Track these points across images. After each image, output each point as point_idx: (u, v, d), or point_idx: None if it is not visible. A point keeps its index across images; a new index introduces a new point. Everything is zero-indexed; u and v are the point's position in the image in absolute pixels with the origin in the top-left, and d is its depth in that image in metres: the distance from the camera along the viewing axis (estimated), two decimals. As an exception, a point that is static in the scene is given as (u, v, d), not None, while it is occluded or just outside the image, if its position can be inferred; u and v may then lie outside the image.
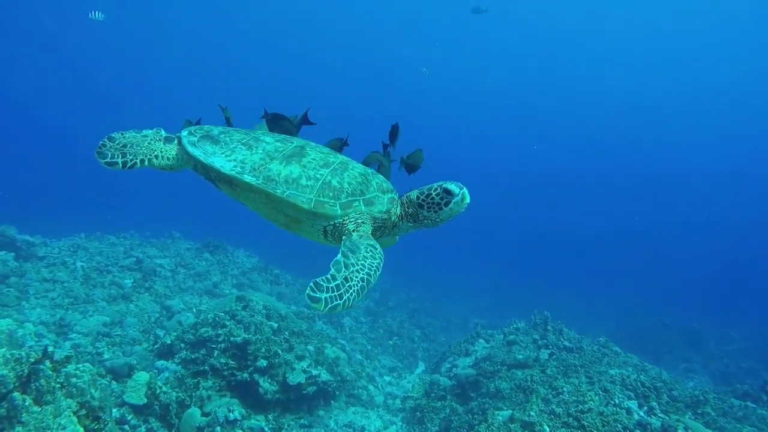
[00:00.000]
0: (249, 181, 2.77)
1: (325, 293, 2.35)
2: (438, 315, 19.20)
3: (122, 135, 3.13)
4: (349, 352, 10.46)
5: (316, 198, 2.74)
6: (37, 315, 8.11)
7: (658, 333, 18.00)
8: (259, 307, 8.07)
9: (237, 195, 3.03)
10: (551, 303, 20.81)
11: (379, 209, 2.88)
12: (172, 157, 3.19)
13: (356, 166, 3.04)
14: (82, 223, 14.29)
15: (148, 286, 10.55)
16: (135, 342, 7.81)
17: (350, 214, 2.81)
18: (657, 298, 26.32)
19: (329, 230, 2.89)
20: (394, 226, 3.07)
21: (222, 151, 2.98)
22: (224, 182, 2.99)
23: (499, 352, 8.88)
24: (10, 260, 9.67)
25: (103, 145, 3.02)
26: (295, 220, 2.93)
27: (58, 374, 4.02)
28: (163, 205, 30.16)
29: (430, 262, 28.98)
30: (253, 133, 3.19)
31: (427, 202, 2.87)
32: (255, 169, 2.83)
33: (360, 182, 2.89)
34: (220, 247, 14.87)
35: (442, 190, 2.82)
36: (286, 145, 3.04)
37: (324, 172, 2.85)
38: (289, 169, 2.83)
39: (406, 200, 3.02)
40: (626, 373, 8.12)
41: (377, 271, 2.63)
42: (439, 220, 2.94)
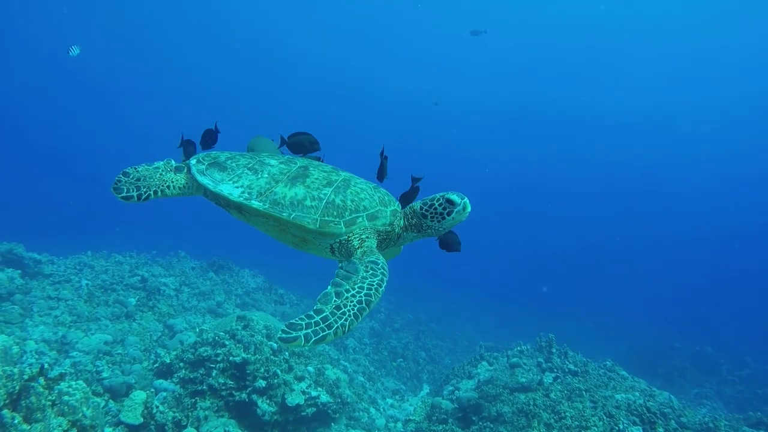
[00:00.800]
0: (257, 207, 2.88)
1: (304, 330, 2.31)
2: (444, 337, 19.04)
3: (135, 169, 3.31)
4: (351, 374, 10.38)
5: (321, 218, 2.83)
6: (39, 332, 8.14)
7: (669, 357, 17.69)
8: (260, 327, 8.04)
9: (246, 219, 3.15)
10: (560, 325, 20.64)
11: (383, 222, 2.99)
12: (183, 186, 3.37)
13: (358, 182, 3.13)
14: (90, 241, 14.44)
15: (151, 305, 10.57)
16: (135, 361, 7.80)
17: (355, 230, 2.90)
18: (669, 320, 25.92)
19: (336, 247, 2.99)
20: (399, 237, 3.17)
21: (229, 177, 3.11)
22: (233, 208, 3.11)
23: (501, 375, 8.74)
24: (16, 278, 9.74)
25: (119, 181, 3.20)
26: (302, 239, 3.05)
27: (50, 391, 4.01)
28: (170, 224, 30.37)
29: (437, 284, 28.87)
30: (258, 157, 3.29)
31: (431, 212, 2.97)
32: (261, 194, 2.94)
33: (363, 198, 2.97)
34: (225, 267, 14.92)
35: (445, 200, 2.93)
36: (290, 167, 3.14)
37: (327, 191, 2.94)
38: (294, 191, 2.93)
39: (409, 211, 3.13)
40: (632, 398, 7.97)
41: (379, 287, 2.65)
42: (442, 229, 3.05)
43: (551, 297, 29.65)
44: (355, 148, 28.82)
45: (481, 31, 26.68)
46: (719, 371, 17.16)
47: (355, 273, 2.69)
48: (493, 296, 28.64)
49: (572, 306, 26.94)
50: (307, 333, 2.29)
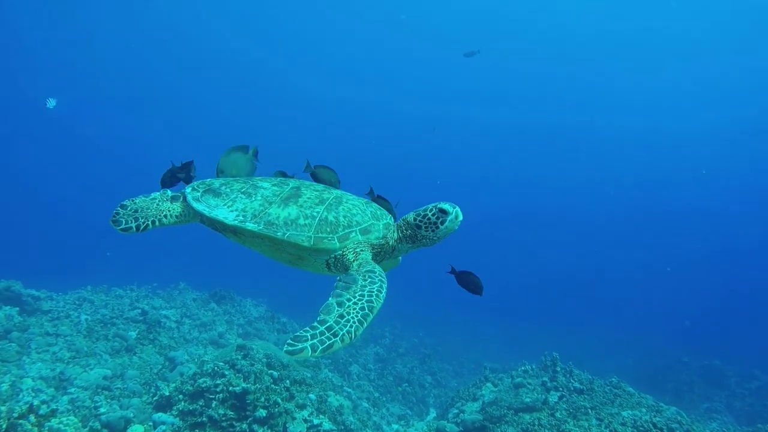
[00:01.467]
0: (251, 229, 2.98)
1: (310, 341, 2.34)
2: (450, 359, 18.81)
3: (132, 201, 3.42)
4: (355, 400, 10.24)
5: (315, 235, 2.93)
6: (37, 369, 8.05)
7: (677, 372, 17.43)
8: (260, 356, 7.95)
9: (243, 241, 3.26)
10: (566, 343, 20.45)
11: (376, 236, 3.09)
12: (179, 214, 3.47)
13: (350, 198, 3.24)
14: (90, 276, 14.40)
15: (152, 337, 10.48)
16: (135, 395, 7.70)
17: (348, 245, 2.99)
18: (675, 334, 25.60)
19: (331, 262, 3.09)
20: (394, 249, 3.25)
21: (224, 202, 3.21)
22: (229, 231, 3.21)
23: (506, 396, 8.61)
24: (14, 315, 9.67)
25: (117, 214, 3.30)
26: (298, 257, 3.15)
27: (41, 428, 3.95)
28: (171, 256, 30.28)
29: (441, 307, 28.60)
30: (251, 181, 3.43)
31: (424, 222, 3.04)
32: (256, 216, 3.04)
33: (355, 213, 3.08)
34: (227, 297, 14.84)
35: (438, 210, 3.01)
36: (283, 189, 3.26)
37: (320, 209, 3.04)
38: (287, 211, 3.03)
39: (402, 223, 3.20)
40: (639, 415, 7.82)
41: (379, 294, 2.70)
42: (436, 239, 3.11)
43: (556, 315, 29.43)
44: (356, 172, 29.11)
45: (474, 51, 27.00)
46: (728, 384, 16.86)
47: (354, 283, 2.74)
48: (497, 317, 28.34)
49: (578, 324, 26.68)
50: (313, 343, 2.32)
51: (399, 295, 22.38)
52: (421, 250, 3.29)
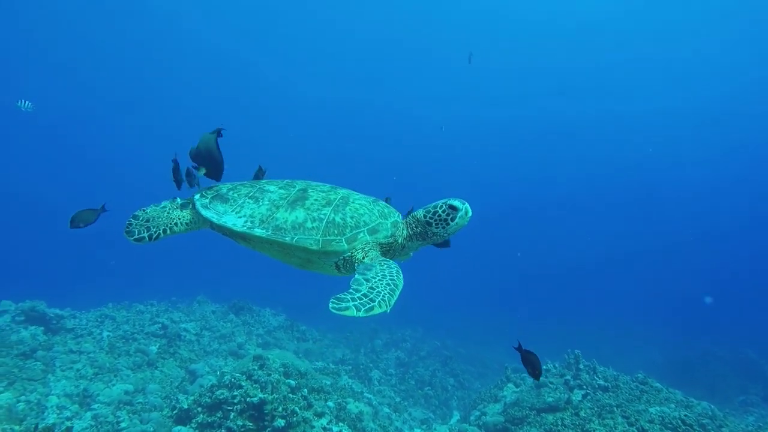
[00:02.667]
0: (260, 235, 3.01)
1: (352, 302, 2.49)
2: (474, 361, 18.67)
3: (144, 211, 3.47)
4: (376, 406, 10.21)
5: (323, 238, 2.96)
6: (61, 387, 8.20)
7: (708, 364, 17.01)
8: (277, 365, 7.98)
9: (252, 246, 3.28)
10: (590, 340, 20.15)
11: (384, 235, 3.11)
12: (189, 221, 3.50)
13: (357, 198, 3.27)
14: (111, 293, 14.63)
15: (172, 351, 10.61)
16: (155, 408, 7.80)
17: (357, 246, 3.02)
18: (701, 325, 25.01)
19: (341, 264, 3.11)
20: (403, 247, 3.27)
21: (232, 208, 3.24)
22: (238, 237, 3.24)
23: (527, 396, 8.50)
24: (39, 334, 9.90)
25: (129, 224, 3.36)
26: (307, 260, 3.17)
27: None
28: (190, 269, 30.59)
29: (462, 310, 28.46)
30: (258, 185, 3.44)
31: (435, 219, 3.08)
32: (264, 221, 3.07)
33: (362, 213, 3.11)
34: (246, 308, 14.95)
35: (448, 207, 3.05)
36: (289, 191, 3.29)
37: (327, 211, 3.07)
38: (294, 214, 3.06)
39: (412, 220, 3.23)
40: (667, 411, 7.65)
41: (399, 275, 2.80)
42: (446, 235, 3.15)
43: (580, 312, 29.02)
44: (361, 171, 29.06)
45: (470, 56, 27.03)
46: (764, 375, 16.43)
47: (373, 267, 2.84)
48: (519, 316, 28.07)
49: (601, 320, 26.24)
50: (356, 304, 2.47)
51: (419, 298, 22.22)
52: (441, 254, 3.32)
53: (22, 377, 8.13)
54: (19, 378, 8.08)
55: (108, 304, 12.87)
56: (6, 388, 7.69)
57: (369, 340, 16.73)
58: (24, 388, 7.89)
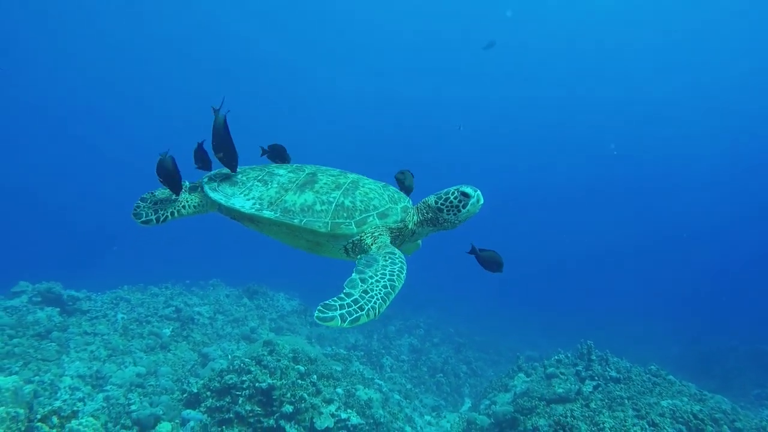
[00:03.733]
0: (268, 216, 2.99)
1: (339, 310, 2.40)
2: (487, 348, 18.59)
3: (152, 194, 3.48)
4: (386, 393, 10.20)
5: (332, 221, 2.95)
6: (75, 368, 8.31)
7: (725, 357, 16.70)
8: (286, 351, 7.98)
9: (261, 229, 3.27)
10: (608, 332, 19.98)
11: (394, 219, 3.09)
12: (197, 204, 3.51)
13: (367, 182, 3.24)
14: (127, 275, 14.81)
15: (185, 334, 10.70)
16: (166, 391, 7.86)
17: (366, 230, 3.00)
18: (723, 319, 24.60)
19: (349, 248, 3.09)
20: (413, 233, 3.24)
21: (241, 191, 3.23)
22: (246, 220, 3.23)
23: (538, 387, 8.40)
24: (55, 315, 10.04)
25: (137, 207, 3.38)
26: (316, 243, 3.16)
27: (61, 430, 4.02)
28: (206, 253, 30.87)
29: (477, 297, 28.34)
30: (267, 168, 3.45)
31: (446, 205, 3.03)
32: (272, 204, 3.06)
33: (372, 197, 3.09)
34: (260, 292, 15.01)
35: (460, 193, 3.01)
36: (299, 175, 3.27)
37: (336, 194, 3.05)
38: (303, 197, 3.04)
39: (423, 206, 3.18)
40: (679, 404, 7.50)
41: (401, 274, 2.72)
42: (457, 222, 3.11)
43: (598, 303, 28.73)
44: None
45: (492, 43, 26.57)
46: (781, 369, 16.10)
47: (375, 262, 2.76)
48: (537, 306, 27.90)
49: (619, 312, 25.94)
50: (342, 313, 2.39)
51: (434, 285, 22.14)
52: (452, 239, 3.31)
53: (36, 358, 8.26)
54: (34, 358, 8.21)
55: (123, 286, 13.00)
56: (21, 368, 7.83)
57: (382, 326, 16.72)
58: (38, 368, 8.02)
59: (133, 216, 3.32)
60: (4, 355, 7.96)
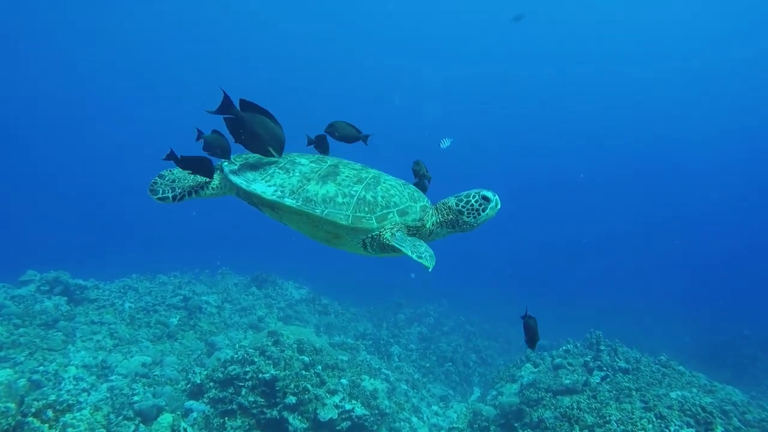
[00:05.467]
0: (290, 204, 2.99)
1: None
2: (497, 337, 18.45)
3: (170, 172, 3.46)
4: (393, 383, 10.13)
5: (353, 214, 2.97)
6: (80, 358, 8.32)
7: (738, 346, 16.41)
8: (290, 342, 7.91)
9: (279, 217, 3.26)
10: (620, 321, 19.75)
11: (413, 218, 3.12)
12: (216, 186, 3.45)
13: (388, 179, 3.26)
14: (137, 264, 14.85)
15: (192, 323, 10.68)
16: (171, 381, 7.83)
17: (386, 226, 3.03)
18: (737, 308, 24.18)
19: (368, 242, 3.11)
20: (431, 233, 3.27)
21: (262, 176, 3.20)
22: (266, 206, 3.22)
23: (545, 377, 8.25)
24: (62, 304, 10.08)
25: (155, 183, 3.35)
26: (335, 235, 3.17)
27: (55, 423, 3.96)
28: (215, 242, 30.81)
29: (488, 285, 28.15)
30: (289, 156, 3.39)
31: (467, 208, 3.13)
32: (294, 192, 3.05)
33: (393, 194, 3.12)
34: (268, 281, 14.98)
35: (481, 197, 3.12)
36: (321, 165, 3.26)
37: (358, 188, 3.07)
38: (325, 188, 3.05)
39: (443, 207, 3.24)
40: (688, 396, 7.32)
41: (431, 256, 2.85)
42: (476, 225, 3.19)
43: (610, 292, 28.39)
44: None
45: (521, 15, 25.91)
46: (794, 360, 15.78)
47: (407, 239, 2.97)
48: (549, 294, 27.63)
49: (631, 301, 25.63)
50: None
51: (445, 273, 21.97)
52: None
53: (42, 347, 8.28)
54: (39, 348, 8.22)
55: (132, 274, 13.03)
56: (26, 358, 7.85)
57: (392, 315, 16.65)
58: (44, 358, 8.03)
59: (149, 192, 3.28)
60: (9, 344, 7.98)
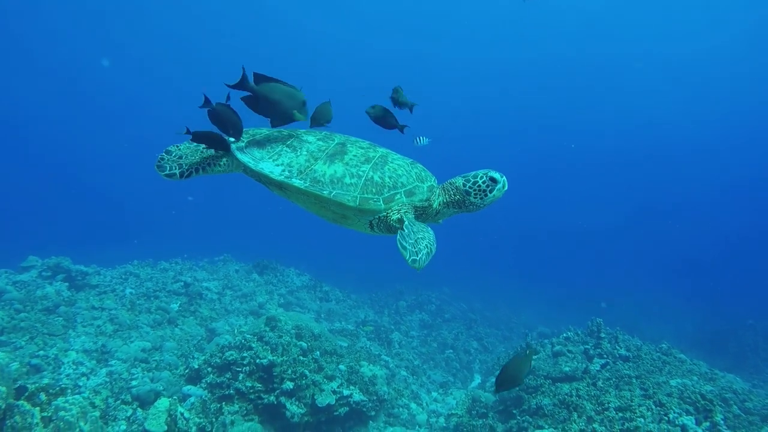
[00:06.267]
0: (298, 185, 2.99)
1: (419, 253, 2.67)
2: (499, 324, 18.47)
3: (177, 147, 3.40)
4: (393, 369, 10.15)
5: (361, 195, 2.97)
6: (81, 343, 8.35)
7: (740, 335, 16.33)
8: (288, 327, 7.91)
9: (287, 196, 3.27)
10: (622, 309, 19.65)
11: (420, 198, 3.13)
12: (223, 163, 3.41)
13: (395, 158, 3.26)
14: (139, 250, 14.89)
15: (193, 309, 10.72)
16: (171, 367, 7.87)
17: (393, 206, 3.04)
18: (739, 297, 24.07)
19: (375, 222, 3.14)
20: (437, 213, 3.30)
21: (269, 155, 3.19)
22: (274, 185, 3.23)
23: (544, 365, 8.25)
24: (64, 290, 10.14)
25: (162, 159, 3.30)
26: (342, 216, 3.19)
27: (47, 407, 3.97)
28: (217, 229, 30.88)
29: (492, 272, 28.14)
30: (296, 134, 3.38)
31: (474, 188, 3.12)
32: (302, 172, 3.05)
33: (400, 174, 3.11)
34: (270, 267, 14.98)
35: (488, 178, 3.10)
36: (328, 144, 3.24)
37: (365, 168, 3.07)
38: (333, 168, 3.04)
39: (450, 187, 3.23)
40: (688, 384, 7.30)
41: (434, 243, 2.83)
42: (482, 205, 3.19)
43: (613, 279, 28.31)
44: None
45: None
46: (796, 348, 15.71)
47: (414, 225, 2.90)
48: (553, 282, 27.60)
49: (635, 289, 25.54)
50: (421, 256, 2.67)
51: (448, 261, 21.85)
52: (472, 218, 3.29)
53: (43, 332, 8.32)
54: (40, 333, 8.26)
55: (133, 261, 13.06)
56: (27, 343, 7.90)
57: (394, 302, 16.67)
58: (44, 342, 8.07)
59: (156, 168, 3.26)
60: (10, 329, 8.02)
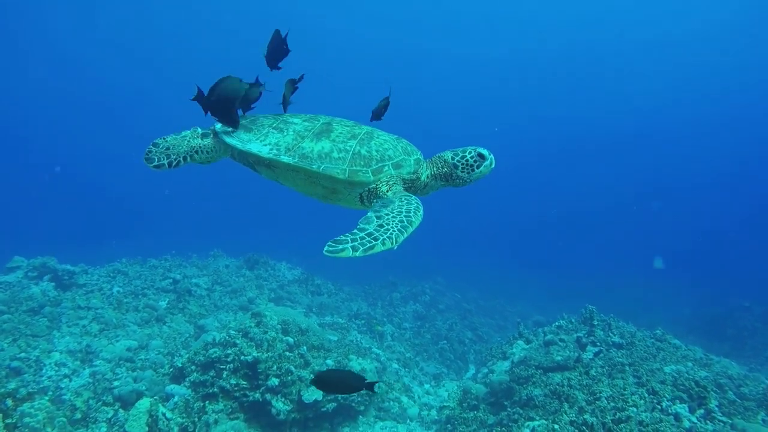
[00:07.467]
0: (287, 161, 3.05)
1: (350, 243, 2.46)
2: (494, 314, 18.42)
3: (164, 139, 3.44)
4: (384, 362, 10.07)
5: (350, 168, 3.02)
6: (65, 343, 8.23)
7: (737, 318, 16.25)
8: (274, 323, 7.79)
9: (276, 176, 3.32)
10: (619, 295, 19.62)
11: (407, 170, 3.19)
12: (211, 149, 3.49)
13: (381, 134, 3.31)
14: (129, 248, 14.74)
15: (181, 306, 10.60)
16: (156, 366, 7.76)
17: (382, 178, 3.08)
18: (737, 281, 24.02)
19: (365, 195, 3.16)
20: (426, 185, 3.35)
21: (256, 137, 3.24)
22: (263, 165, 3.27)
23: (536, 354, 8.14)
24: (50, 290, 10.01)
25: (149, 151, 3.33)
26: (332, 190, 3.22)
27: (13, 413, 3.85)
28: (208, 224, 30.64)
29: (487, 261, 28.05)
30: (281, 117, 3.45)
31: (462, 163, 3.22)
32: (290, 150, 3.10)
33: (387, 148, 3.18)
34: (260, 262, 14.86)
35: (477, 154, 3.21)
36: (314, 124, 3.31)
37: (352, 143, 3.12)
38: (320, 145, 3.10)
39: (438, 160, 3.32)
40: (682, 370, 7.21)
41: (417, 212, 2.79)
42: (469, 180, 3.28)
43: (610, 266, 28.26)
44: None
45: None
46: (794, 331, 15.65)
47: (391, 203, 2.87)
48: (547, 270, 27.54)
49: (632, 274, 25.49)
50: (354, 245, 2.45)
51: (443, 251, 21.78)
52: (462, 206, 3.15)
53: (26, 334, 8.20)
54: (23, 335, 8.15)
55: (122, 259, 12.92)
56: (9, 345, 7.77)
57: (387, 293, 16.56)
58: (27, 344, 7.95)
59: (144, 160, 3.27)
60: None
